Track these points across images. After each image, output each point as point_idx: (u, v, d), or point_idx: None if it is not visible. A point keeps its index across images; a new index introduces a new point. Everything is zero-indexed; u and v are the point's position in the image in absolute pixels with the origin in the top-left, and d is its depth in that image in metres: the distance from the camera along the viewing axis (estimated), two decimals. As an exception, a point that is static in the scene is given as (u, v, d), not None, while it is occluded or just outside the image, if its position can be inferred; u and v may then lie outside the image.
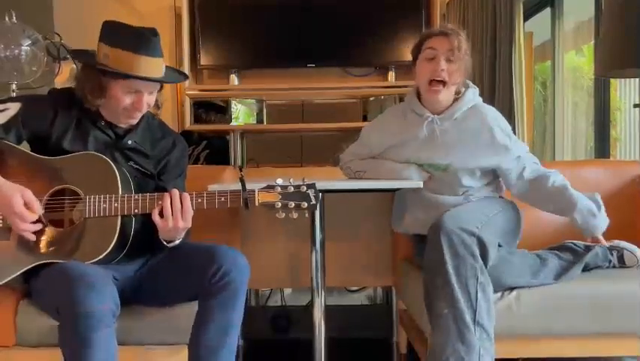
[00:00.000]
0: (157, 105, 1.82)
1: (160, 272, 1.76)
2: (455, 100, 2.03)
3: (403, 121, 2.08)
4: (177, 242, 1.71)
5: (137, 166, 1.79)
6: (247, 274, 1.68)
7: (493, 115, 2.03)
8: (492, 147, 2.00)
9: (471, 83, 2.09)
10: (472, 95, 2.04)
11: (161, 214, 1.62)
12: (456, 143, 2.00)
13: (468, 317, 1.71)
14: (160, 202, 1.62)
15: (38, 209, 1.61)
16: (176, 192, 1.63)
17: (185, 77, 1.92)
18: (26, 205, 1.58)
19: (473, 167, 2.01)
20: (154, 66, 1.68)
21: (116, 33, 1.69)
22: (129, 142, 1.78)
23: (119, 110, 1.72)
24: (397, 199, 2.21)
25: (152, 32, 1.69)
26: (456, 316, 1.71)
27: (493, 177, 2.11)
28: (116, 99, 1.70)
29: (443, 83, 1.94)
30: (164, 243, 1.71)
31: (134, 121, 1.78)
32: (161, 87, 1.80)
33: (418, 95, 2.07)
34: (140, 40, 1.66)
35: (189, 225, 1.65)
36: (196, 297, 1.68)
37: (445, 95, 1.98)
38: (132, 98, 1.70)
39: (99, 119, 1.76)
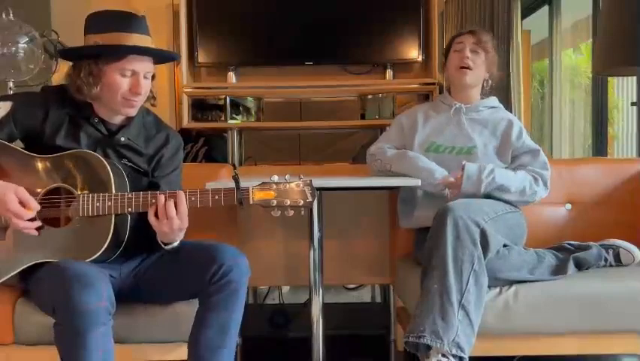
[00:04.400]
0: (153, 96, 1.80)
1: (160, 270, 1.75)
2: (481, 99, 2.22)
3: (431, 110, 2.24)
4: (175, 244, 1.69)
5: (131, 164, 1.77)
6: (248, 273, 1.68)
7: (513, 116, 2.23)
8: (509, 136, 2.13)
9: None
10: (496, 101, 2.25)
11: (157, 215, 1.60)
12: (480, 129, 2.15)
13: (454, 297, 1.72)
14: (154, 201, 1.61)
15: (34, 205, 1.59)
16: (171, 192, 1.62)
17: (177, 55, 1.88)
18: (21, 203, 1.57)
19: (492, 152, 2.12)
20: (144, 43, 1.69)
21: (100, 21, 1.69)
22: (122, 139, 1.75)
23: (117, 98, 1.68)
24: (404, 195, 2.21)
25: (136, 15, 1.71)
26: (443, 292, 1.73)
27: None
28: (112, 85, 1.66)
29: (469, 68, 2.14)
30: (162, 245, 1.68)
31: (133, 111, 1.73)
32: (154, 77, 1.78)
33: (449, 92, 2.26)
34: (126, 20, 1.68)
35: (185, 225, 1.63)
36: (196, 295, 1.68)
37: (473, 80, 2.17)
38: (129, 82, 1.67)
39: (92, 116, 1.74)
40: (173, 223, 1.59)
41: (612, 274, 1.99)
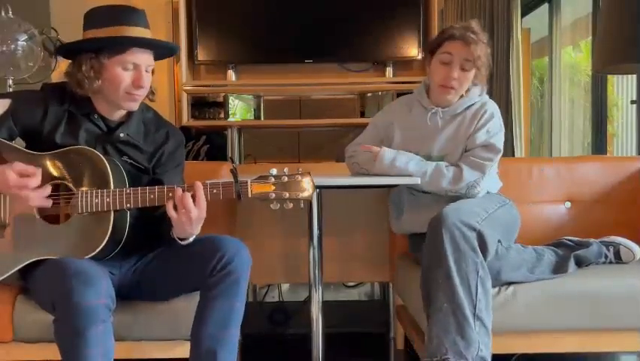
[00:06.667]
0: (152, 91, 1.79)
1: (160, 264, 1.74)
2: (461, 96, 2.05)
3: (407, 112, 2.11)
4: (191, 239, 1.67)
5: (131, 160, 1.76)
6: (249, 263, 1.67)
7: (488, 116, 2.02)
8: (475, 131, 1.99)
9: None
10: (479, 92, 2.06)
11: (175, 207, 1.58)
12: (452, 136, 2.03)
13: (468, 311, 1.70)
14: (152, 196, 1.60)
15: (32, 170, 1.56)
16: (189, 185, 1.60)
17: (177, 47, 1.86)
18: (21, 175, 1.55)
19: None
20: (145, 35, 1.69)
21: (99, 15, 1.69)
22: (121, 135, 1.74)
23: (119, 92, 1.68)
24: (393, 201, 2.20)
25: (135, 8, 1.72)
26: (456, 310, 1.71)
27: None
28: (114, 79, 1.66)
29: (453, 88, 1.98)
30: (178, 240, 1.66)
31: (135, 105, 1.73)
32: (153, 71, 1.77)
33: (427, 91, 2.10)
34: (126, 13, 1.68)
35: (203, 215, 1.61)
36: (197, 288, 1.67)
37: (455, 98, 2.02)
38: (131, 75, 1.67)
39: (92, 112, 1.73)
40: (192, 214, 1.58)
41: (612, 271, 1.99)
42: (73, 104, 1.72)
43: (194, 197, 1.58)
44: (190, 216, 1.58)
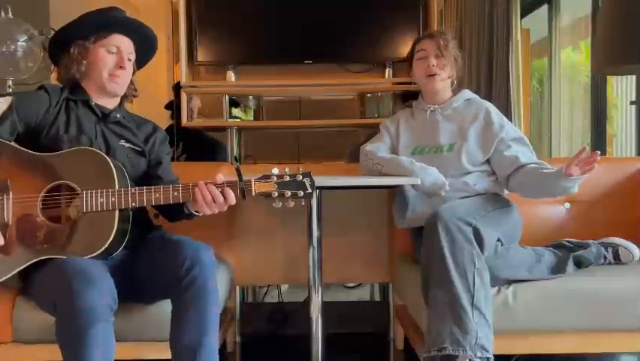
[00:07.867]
0: (134, 88, 1.93)
1: (140, 268, 1.74)
2: (453, 96, 2.21)
3: (410, 116, 2.27)
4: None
5: (129, 144, 1.85)
6: (212, 266, 1.68)
7: (489, 104, 2.20)
8: (489, 125, 2.12)
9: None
10: (469, 93, 2.23)
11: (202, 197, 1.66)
12: (456, 126, 2.15)
13: (465, 301, 1.71)
14: (158, 195, 1.65)
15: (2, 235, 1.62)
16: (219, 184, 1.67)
17: (154, 34, 1.95)
18: None
19: (473, 144, 2.09)
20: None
21: (83, 17, 1.84)
22: (117, 115, 1.86)
23: (104, 74, 1.80)
24: (398, 195, 2.21)
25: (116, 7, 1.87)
26: (453, 300, 1.71)
27: (493, 170, 2.12)
28: (99, 62, 1.80)
29: (436, 74, 2.16)
30: (195, 213, 1.75)
31: (119, 88, 1.84)
32: (134, 72, 1.91)
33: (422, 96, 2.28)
34: (108, 8, 1.84)
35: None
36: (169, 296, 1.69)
37: (442, 84, 2.18)
38: (114, 58, 1.81)
39: (89, 100, 1.83)
40: (223, 210, 1.68)
41: (612, 272, 1.99)
42: (71, 93, 1.82)
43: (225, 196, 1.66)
44: (221, 210, 1.69)
